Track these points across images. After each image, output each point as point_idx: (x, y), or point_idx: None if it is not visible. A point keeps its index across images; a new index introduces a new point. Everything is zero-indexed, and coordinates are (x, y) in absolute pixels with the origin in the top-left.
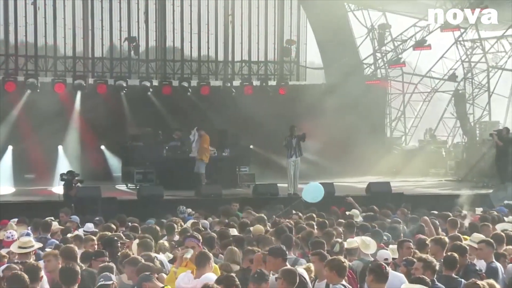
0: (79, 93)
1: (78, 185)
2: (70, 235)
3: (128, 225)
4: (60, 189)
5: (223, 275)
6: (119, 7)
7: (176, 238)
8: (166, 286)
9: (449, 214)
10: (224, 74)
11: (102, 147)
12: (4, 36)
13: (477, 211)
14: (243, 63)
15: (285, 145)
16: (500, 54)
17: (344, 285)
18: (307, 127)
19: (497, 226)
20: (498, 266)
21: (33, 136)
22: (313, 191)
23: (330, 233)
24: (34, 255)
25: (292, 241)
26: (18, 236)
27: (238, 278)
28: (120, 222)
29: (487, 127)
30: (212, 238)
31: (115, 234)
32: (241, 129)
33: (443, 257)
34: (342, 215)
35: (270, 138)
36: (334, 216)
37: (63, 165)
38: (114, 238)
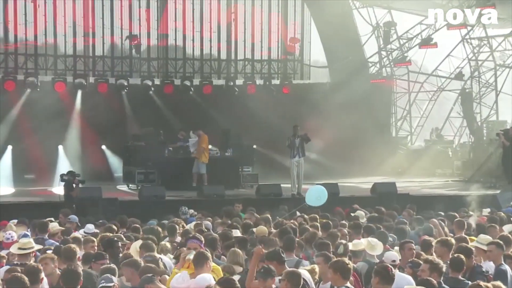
0: (79, 92)
1: (79, 185)
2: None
3: (129, 226)
4: (60, 189)
5: (223, 277)
6: (120, 5)
7: (178, 239)
8: None
9: (455, 215)
10: (227, 73)
11: (103, 147)
12: (3, 34)
13: (484, 212)
14: (246, 61)
15: (288, 145)
16: (508, 52)
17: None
18: (311, 127)
19: (504, 227)
20: (507, 268)
21: (33, 135)
22: (317, 194)
23: (334, 235)
24: (34, 257)
25: (294, 242)
26: (17, 237)
27: (241, 280)
28: (120, 223)
29: (494, 127)
30: (214, 239)
31: (116, 235)
32: (244, 128)
33: (449, 259)
34: (347, 216)
35: (273, 138)
36: (339, 217)
37: (64, 165)
38: (114, 239)
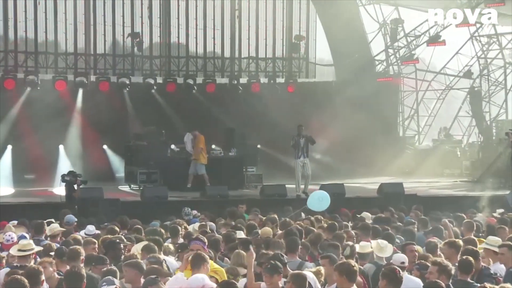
0: (80, 90)
1: (81, 186)
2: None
3: (130, 227)
4: (61, 190)
5: (225, 280)
6: (122, 2)
7: (180, 241)
8: None
9: (463, 216)
10: (230, 71)
11: (105, 146)
12: (3, 31)
13: (496, 213)
14: (250, 59)
15: (293, 145)
16: None
17: None
18: (316, 126)
19: None
20: None
21: (33, 135)
22: (319, 199)
23: (340, 236)
24: (34, 259)
25: (297, 244)
26: (17, 239)
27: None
28: (121, 224)
29: (503, 126)
30: (217, 240)
31: (117, 236)
32: (248, 128)
33: (457, 260)
34: (353, 217)
35: (278, 138)
36: (345, 218)
37: (64, 165)
38: (116, 241)
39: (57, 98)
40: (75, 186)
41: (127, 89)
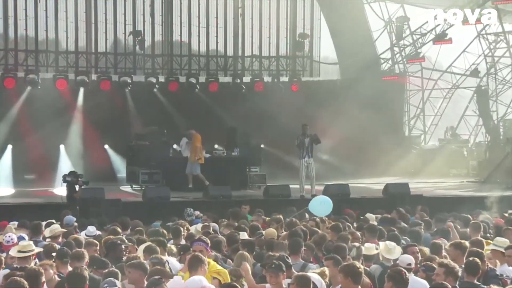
0: (81, 89)
1: (83, 187)
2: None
3: (132, 228)
4: (63, 190)
5: (227, 283)
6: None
7: (182, 242)
8: None
9: (469, 217)
10: (233, 70)
11: (106, 146)
12: (3, 30)
13: (508, 213)
14: (253, 58)
15: (297, 144)
16: None
17: None
18: (320, 125)
19: None
20: None
21: (34, 134)
22: (321, 204)
23: (345, 237)
24: (35, 260)
25: (301, 246)
26: (18, 240)
27: None
28: (122, 225)
29: (511, 125)
30: (219, 242)
31: (118, 237)
32: (252, 127)
33: (463, 262)
34: (357, 218)
35: (282, 137)
36: (350, 219)
37: (65, 165)
38: (117, 243)
39: (58, 97)
40: (77, 186)
41: (129, 88)
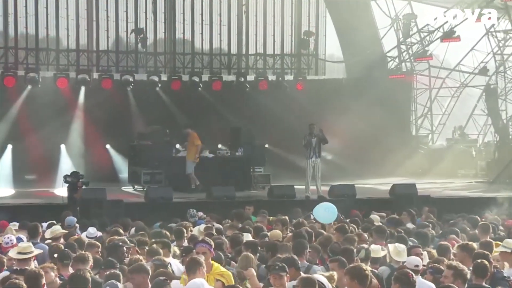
0: (83, 88)
1: (83, 187)
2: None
3: (137, 229)
4: (63, 191)
5: (230, 285)
6: None
7: (185, 243)
8: None
9: (477, 218)
10: (237, 68)
11: (108, 146)
12: (3, 27)
13: None
14: (258, 56)
15: (305, 144)
16: None
17: None
18: (326, 125)
19: None
20: None
21: (34, 134)
22: (325, 211)
23: (351, 239)
24: (35, 261)
25: (305, 247)
26: (17, 241)
27: None
28: (124, 226)
29: None
30: (221, 243)
31: (120, 239)
32: (256, 127)
33: (471, 264)
34: (361, 219)
35: (286, 137)
36: (358, 220)
37: (66, 165)
38: (119, 244)
39: (58, 96)
40: (78, 187)
41: (131, 86)
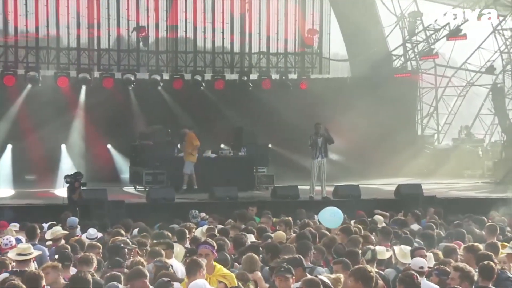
0: (83, 87)
1: (81, 188)
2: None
3: (140, 230)
4: (64, 191)
5: (233, 287)
6: None
7: (187, 245)
8: None
9: (484, 219)
10: (240, 67)
11: (109, 146)
12: (3, 25)
13: None
14: (261, 54)
15: (310, 144)
16: None
17: None
18: (330, 125)
19: None
20: None
21: (34, 134)
22: (331, 216)
23: (355, 240)
24: (34, 262)
25: (308, 249)
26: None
27: None
28: (125, 227)
29: None
30: (222, 245)
31: (122, 240)
32: (259, 126)
33: (475, 266)
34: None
35: (290, 136)
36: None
37: (67, 165)
38: (120, 246)
39: (59, 95)
40: (75, 187)
41: (132, 85)
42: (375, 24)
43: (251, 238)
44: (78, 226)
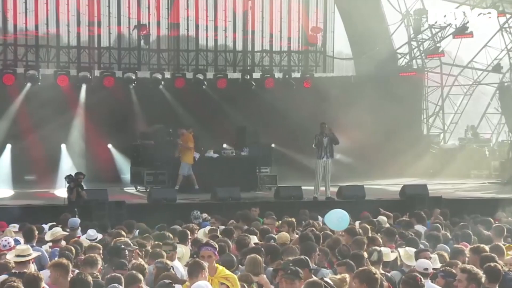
0: (84, 86)
1: (78, 189)
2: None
3: (142, 231)
4: (64, 192)
5: None
6: None
7: (188, 246)
8: None
9: (491, 220)
10: (243, 66)
11: (109, 145)
12: (2, 23)
13: None
14: (264, 53)
15: (316, 144)
16: None
17: None
18: (334, 124)
19: None
20: None
21: (34, 133)
22: (338, 221)
23: (360, 241)
24: (33, 264)
25: (313, 250)
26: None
27: None
28: (128, 228)
29: None
30: (223, 246)
31: (123, 241)
32: (262, 126)
33: (479, 267)
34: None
35: (293, 136)
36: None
37: (67, 165)
38: (121, 247)
39: (59, 94)
40: (73, 188)
41: (133, 84)
42: (380, 21)
43: (253, 240)
44: (79, 227)
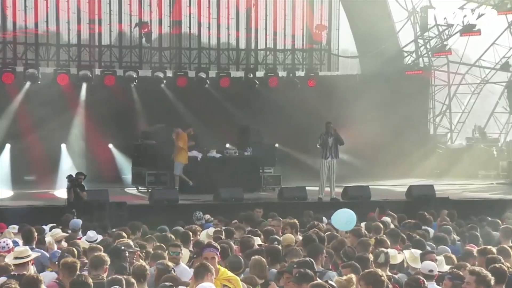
0: (84, 85)
1: (77, 189)
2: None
3: (144, 232)
4: (63, 192)
5: None
6: None
7: (191, 248)
8: None
9: (498, 222)
10: (246, 64)
11: (110, 145)
12: (1, 21)
13: None
14: (267, 51)
15: (320, 144)
16: None
17: None
18: (339, 123)
19: None
20: None
21: (34, 133)
22: (346, 223)
23: (365, 243)
24: (33, 265)
25: (319, 251)
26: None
27: None
28: (132, 229)
29: None
30: (226, 248)
31: (124, 243)
32: (265, 125)
33: (486, 269)
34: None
35: (297, 136)
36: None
37: (67, 165)
38: (121, 248)
39: (59, 93)
40: (72, 188)
41: (135, 83)
42: (386, 19)
43: (257, 241)
44: (81, 228)
